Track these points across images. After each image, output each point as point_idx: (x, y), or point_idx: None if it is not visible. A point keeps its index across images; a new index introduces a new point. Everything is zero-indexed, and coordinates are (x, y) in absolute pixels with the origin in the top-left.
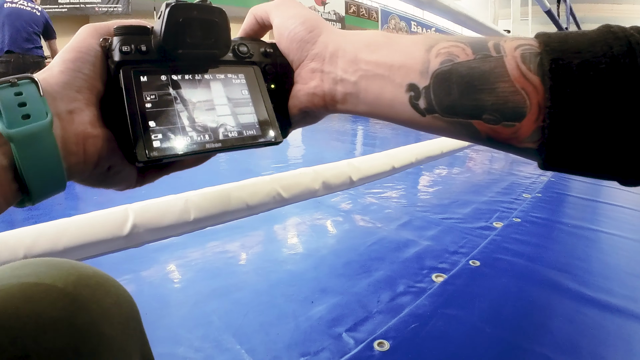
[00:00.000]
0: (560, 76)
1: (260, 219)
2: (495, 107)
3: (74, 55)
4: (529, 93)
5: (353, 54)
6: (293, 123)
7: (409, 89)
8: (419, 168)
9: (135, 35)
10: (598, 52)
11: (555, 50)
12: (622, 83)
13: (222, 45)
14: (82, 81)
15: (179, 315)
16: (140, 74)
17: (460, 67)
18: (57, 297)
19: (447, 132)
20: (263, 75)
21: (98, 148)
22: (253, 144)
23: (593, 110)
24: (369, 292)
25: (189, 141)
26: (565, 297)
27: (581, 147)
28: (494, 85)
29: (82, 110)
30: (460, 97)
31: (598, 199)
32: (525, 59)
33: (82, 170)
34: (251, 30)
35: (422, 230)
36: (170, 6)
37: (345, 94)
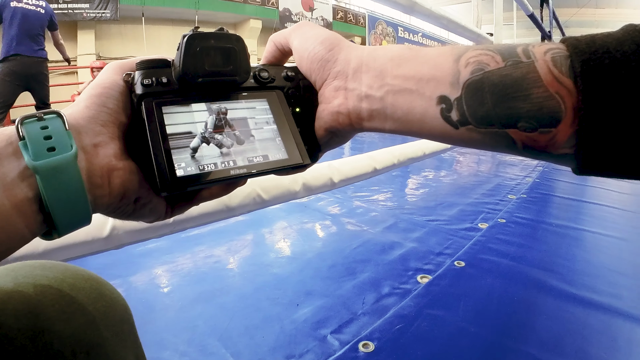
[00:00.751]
0: (593, 77)
1: (246, 223)
2: (530, 114)
3: (99, 90)
4: (564, 97)
5: (378, 69)
6: (322, 145)
7: (439, 101)
8: (405, 171)
9: (156, 69)
10: (627, 50)
11: (585, 52)
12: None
13: (241, 72)
14: (107, 115)
15: (165, 320)
16: (162, 105)
17: (492, 75)
18: (54, 299)
19: (481, 143)
20: (286, 99)
21: (123, 180)
22: (279, 168)
23: (627, 109)
24: (354, 294)
25: (213, 168)
26: (550, 296)
27: (618, 149)
28: (528, 91)
29: (107, 144)
30: (494, 107)
31: (582, 199)
32: (556, 62)
33: (108, 203)
34: (273, 57)
35: (407, 233)
36: (187, 37)
37: (371, 110)
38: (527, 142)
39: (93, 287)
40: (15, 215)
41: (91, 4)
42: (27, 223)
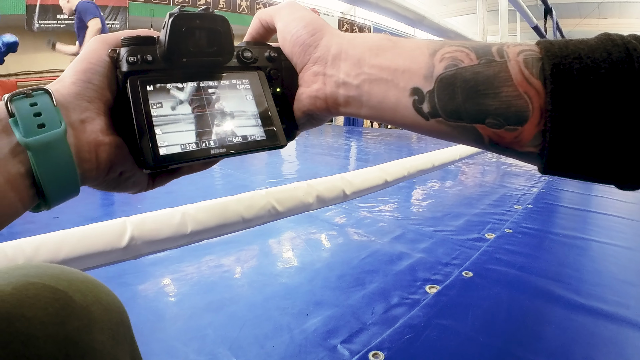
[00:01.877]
0: (561, 80)
1: (254, 233)
2: (498, 112)
3: (84, 66)
4: (532, 97)
5: (356, 58)
6: (299, 126)
7: (412, 93)
8: (411, 182)
9: (141, 46)
10: (598, 58)
11: (557, 56)
12: (620, 88)
13: (225, 52)
14: (93, 91)
15: (175, 329)
16: (146, 83)
17: (465, 71)
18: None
19: (450, 136)
20: (268, 79)
21: (110, 155)
22: (257, 148)
23: (592, 114)
24: (363, 304)
25: (194, 147)
26: (558, 305)
27: (581, 151)
28: (497, 89)
29: (93, 119)
30: (464, 102)
31: (588, 209)
32: (527, 63)
33: (96, 176)
34: (257, 34)
35: (415, 243)
36: (173, 16)
37: (347, 97)
38: (494, 138)
39: (89, 290)
40: (9, 191)
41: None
42: (21, 197)
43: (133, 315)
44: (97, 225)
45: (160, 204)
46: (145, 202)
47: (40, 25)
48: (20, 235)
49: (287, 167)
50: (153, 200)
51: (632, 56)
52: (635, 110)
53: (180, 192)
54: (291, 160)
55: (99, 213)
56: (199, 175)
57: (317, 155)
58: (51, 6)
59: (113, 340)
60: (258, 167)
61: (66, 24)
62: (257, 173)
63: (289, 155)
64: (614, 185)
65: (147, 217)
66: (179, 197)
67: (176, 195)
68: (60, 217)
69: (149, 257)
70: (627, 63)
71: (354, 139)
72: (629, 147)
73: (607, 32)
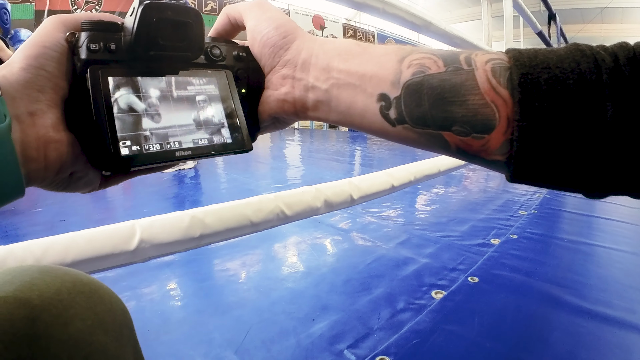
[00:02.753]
0: (529, 90)
1: (260, 237)
2: (465, 119)
3: (37, 50)
4: (499, 106)
5: (325, 62)
6: (262, 128)
7: (380, 98)
8: (416, 187)
9: (104, 32)
10: (566, 68)
11: (525, 65)
12: (588, 98)
13: (195, 48)
14: (45, 80)
15: (181, 332)
16: (108, 75)
17: (432, 78)
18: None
19: (417, 142)
20: (235, 79)
21: (60, 153)
22: (222, 152)
23: (560, 125)
24: (369, 309)
25: (157, 148)
26: (564, 311)
27: (548, 160)
28: (464, 97)
29: (44, 112)
30: (430, 109)
31: (593, 214)
32: (495, 72)
33: (43, 177)
34: (223, 30)
35: (420, 248)
36: (143, 4)
37: (316, 101)
38: (461, 146)
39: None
40: None
41: None
42: None
43: (138, 318)
44: (106, 227)
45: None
46: (150, 206)
47: None
48: (25, 238)
49: (292, 172)
50: (159, 202)
51: (601, 67)
52: (601, 121)
53: (187, 196)
54: (296, 165)
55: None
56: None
57: (322, 160)
58: (59, 11)
59: (117, 342)
60: (263, 171)
61: None
62: (262, 178)
63: (293, 160)
64: (582, 194)
65: (156, 220)
66: (184, 201)
67: (181, 199)
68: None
69: (155, 261)
70: (595, 74)
71: (358, 144)
72: (595, 157)
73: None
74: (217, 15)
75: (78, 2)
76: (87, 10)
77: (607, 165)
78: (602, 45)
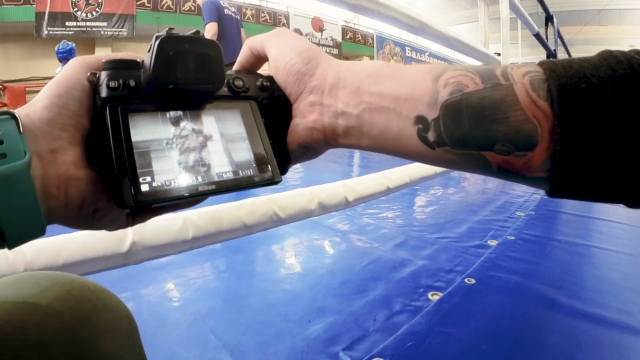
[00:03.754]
0: (569, 101)
1: (257, 239)
2: (507, 137)
3: (60, 90)
4: (540, 120)
5: (355, 86)
6: (292, 159)
7: (416, 121)
8: (414, 189)
9: (124, 70)
10: (603, 76)
11: (561, 76)
12: (628, 105)
13: (215, 80)
14: (67, 118)
15: (177, 334)
16: (128, 111)
17: (471, 97)
18: (60, 311)
19: (457, 164)
20: (260, 110)
21: (81, 191)
22: (249, 184)
23: (601, 135)
24: (365, 311)
25: (180, 184)
26: (561, 313)
27: (590, 173)
28: (505, 114)
29: (65, 150)
30: (471, 129)
31: (590, 215)
32: (534, 85)
33: (65, 215)
34: (247, 62)
35: (417, 250)
36: (160, 39)
37: (347, 127)
38: (502, 165)
39: (99, 299)
40: None
41: (109, 22)
42: None
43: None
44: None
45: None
46: None
47: (49, 32)
48: None
49: (290, 174)
50: None
51: (637, 72)
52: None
53: None
54: (295, 167)
55: None
56: None
57: (320, 161)
58: (60, 13)
59: (122, 349)
60: None
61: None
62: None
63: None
64: (623, 204)
65: (148, 223)
66: None
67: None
68: None
69: (151, 262)
70: (633, 79)
71: None
72: (637, 166)
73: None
74: (275, 26)
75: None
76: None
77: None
78: (636, 49)
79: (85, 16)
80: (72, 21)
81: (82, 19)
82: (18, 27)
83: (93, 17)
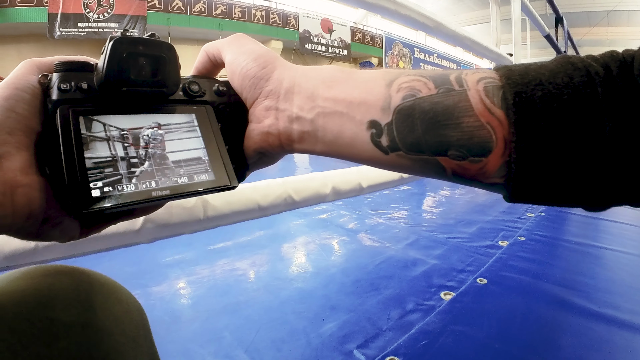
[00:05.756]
0: (525, 109)
1: (269, 237)
2: (461, 143)
3: (7, 92)
4: (495, 127)
5: (310, 91)
6: (250, 165)
7: (370, 126)
8: (424, 189)
9: (77, 72)
10: (559, 83)
11: (517, 84)
12: (584, 114)
13: (170, 83)
14: (15, 122)
15: (191, 331)
16: (79, 114)
17: (423, 102)
18: (70, 304)
19: (411, 169)
20: (216, 114)
21: (29, 198)
22: (204, 190)
23: (558, 143)
24: (378, 310)
25: (133, 189)
26: (572, 313)
27: (547, 180)
28: (458, 120)
29: (12, 155)
30: (424, 134)
31: (600, 216)
32: (488, 92)
33: (11, 224)
34: (204, 68)
35: (429, 250)
36: (113, 40)
37: (302, 132)
38: (457, 170)
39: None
40: None
41: (120, 23)
42: None
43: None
44: None
45: None
46: None
47: (61, 33)
48: None
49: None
50: None
51: (594, 80)
52: (600, 136)
53: None
54: (304, 166)
55: None
56: None
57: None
58: (72, 14)
59: (134, 342)
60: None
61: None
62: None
63: (302, 162)
64: (582, 208)
65: None
66: None
67: None
68: None
69: (165, 259)
70: (590, 87)
71: None
72: (595, 172)
73: (566, 54)
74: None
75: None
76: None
77: (608, 180)
78: (592, 56)
79: (97, 17)
80: (84, 22)
81: (94, 20)
82: (31, 28)
83: (105, 18)
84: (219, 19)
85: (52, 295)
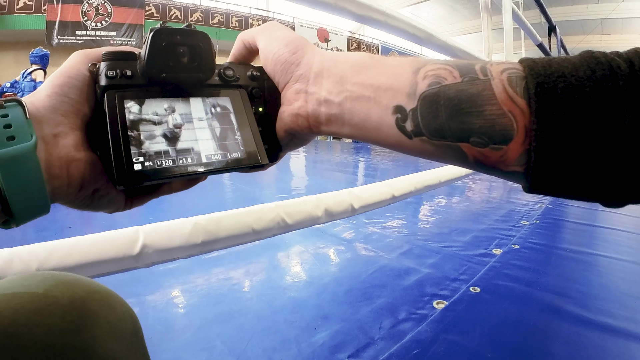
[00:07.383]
0: (546, 99)
1: (263, 246)
2: (483, 130)
3: (62, 80)
4: (516, 116)
5: (338, 75)
6: (283, 146)
7: (395, 111)
8: (419, 198)
9: (121, 61)
10: (582, 76)
11: (540, 75)
12: (605, 106)
13: (206, 69)
14: (69, 105)
15: (183, 339)
16: (124, 98)
17: (448, 89)
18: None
19: (434, 155)
20: (250, 98)
21: (82, 171)
22: (237, 166)
23: (578, 133)
24: (371, 319)
25: (171, 164)
26: (566, 321)
27: (567, 170)
28: (481, 108)
29: (67, 134)
30: (447, 120)
31: (595, 224)
32: (511, 82)
33: (67, 194)
34: (240, 55)
35: (422, 258)
36: (153, 31)
37: (329, 115)
38: (478, 157)
39: (104, 299)
40: None
41: (118, 32)
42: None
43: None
44: (110, 233)
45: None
46: (155, 214)
47: (59, 40)
48: (32, 242)
49: (296, 182)
50: (162, 212)
51: (616, 74)
52: (619, 128)
53: (191, 204)
54: (300, 175)
55: None
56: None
57: (326, 170)
58: (70, 22)
59: (127, 350)
60: (267, 182)
61: (84, 40)
62: (266, 187)
63: (298, 170)
64: (600, 203)
65: (159, 227)
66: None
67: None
68: None
69: (159, 268)
70: (612, 81)
71: (362, 155)
72: (613, 165)
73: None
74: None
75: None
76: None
77: (626, 173)
78: (617, 52)
79: (95, 25)
80: (82, 30)
81: (91, 28)
82: (29, 35)
83: (102, 26)
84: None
85: (49, 301)
